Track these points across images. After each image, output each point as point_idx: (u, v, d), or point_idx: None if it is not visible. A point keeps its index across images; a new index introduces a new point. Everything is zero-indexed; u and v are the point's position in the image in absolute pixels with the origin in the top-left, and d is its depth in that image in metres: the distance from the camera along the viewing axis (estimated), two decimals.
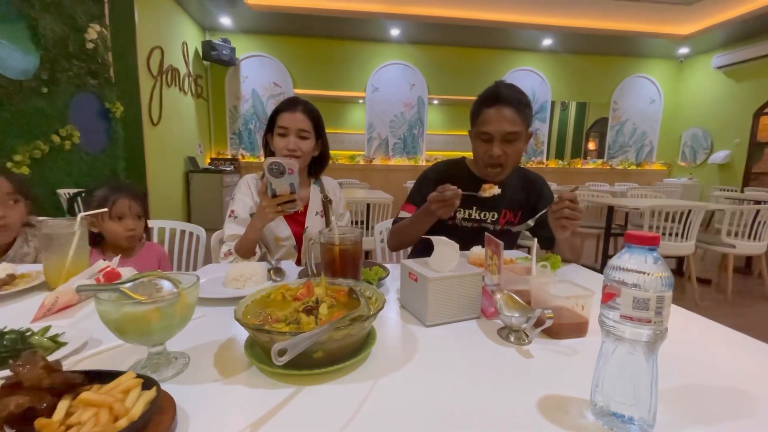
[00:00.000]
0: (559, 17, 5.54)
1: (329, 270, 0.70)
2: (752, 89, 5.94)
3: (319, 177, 1.33)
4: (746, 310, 2.69)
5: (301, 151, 1.16)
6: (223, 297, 0.73)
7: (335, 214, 1.31)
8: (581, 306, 0.58)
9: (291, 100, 1.19)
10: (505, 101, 1.09)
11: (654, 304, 0.34)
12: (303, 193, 1.26)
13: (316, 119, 1.19)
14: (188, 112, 5.35)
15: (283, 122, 1.15)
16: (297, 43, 6.17)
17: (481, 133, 1.12)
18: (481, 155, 1.15)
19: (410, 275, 0.66)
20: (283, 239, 1.21)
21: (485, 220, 1.26)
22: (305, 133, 1.16)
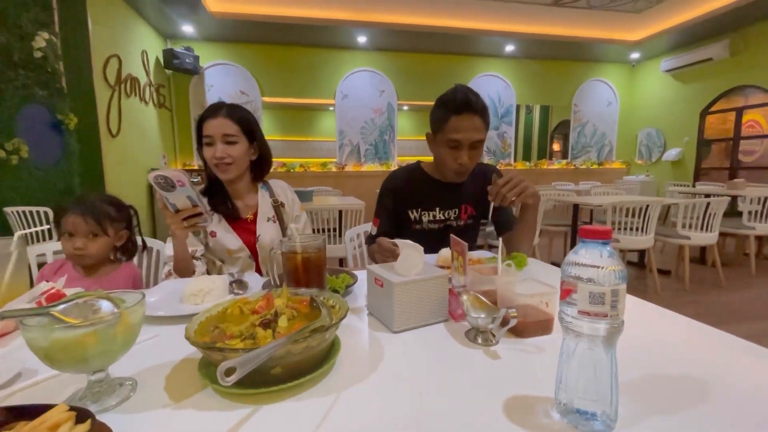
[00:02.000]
0: (520, 24, 5.75)
1: (292, 280, 0.68)
2: (698, 91, 6.36)
3: (265, 181, 1.27)
4: (703, 297, 2.85)
5: (232, 158, 1.09)
6: (178, 314, 0.69)
7: (290, 218, 1.25)
8: (546, 303, 0.58)
9: (212, 106, 1.13)
10: (473, 109, 1.09)
11: (609, 298, 0.34)
12: (250, 200, 1.21)
13: (244, 121, 1.12)
14: (150, 123, 5.14)
15: (207, 130, 1.09)
16: (263, 51, 6.09)
17: (449, 140, 1.12)
18: (449, 162, 1.15)
19: (376, 281, 0.64)
20: (236, 251, 1.15)
21: (449, 219, 1.28)
22: (232, 138, 1.09)
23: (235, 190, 1.19)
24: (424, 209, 1.27)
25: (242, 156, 1.12)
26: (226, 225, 1.16)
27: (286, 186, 1.31)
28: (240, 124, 1.11)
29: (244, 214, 1.19)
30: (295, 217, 1.27)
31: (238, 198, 1.20)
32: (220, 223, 1.16)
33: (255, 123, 1.17)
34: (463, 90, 1.12)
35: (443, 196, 1.27)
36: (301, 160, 6.68)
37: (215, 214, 1.16)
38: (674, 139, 6.82)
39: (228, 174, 1.11)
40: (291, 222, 1.25)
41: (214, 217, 1.15)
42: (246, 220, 1.19)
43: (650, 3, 5.21)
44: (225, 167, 1.10)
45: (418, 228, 1.28)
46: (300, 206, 1.30)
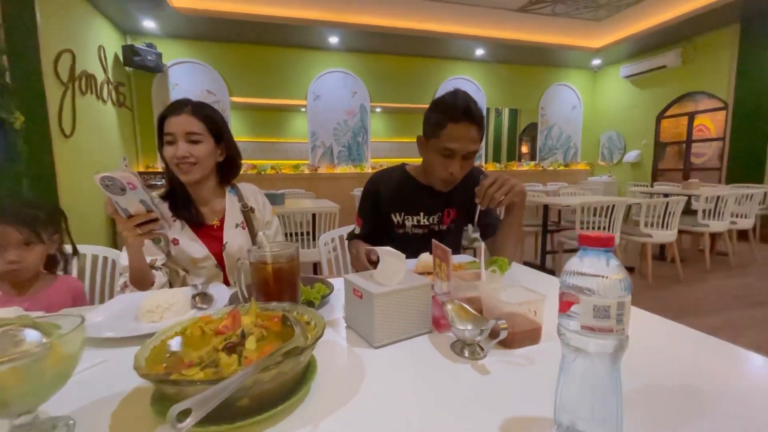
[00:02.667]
0: (490, 29, 5.87)
1: (262, 293, 0.61)
2: (654, 96, 6.73)
3: (233, 184, 1.18)
4: (664, 293, 2.98)
5: (195, 158, 1.01)
6: (132, 335, 0.61)
7: (260, 224, 1.17)
8: (533, 311, 0.56)
9: (176, 102, 1.04)
10: (472, 119, 1.04)
11: (615, 312, 0.31)
12: (216, 205, 1.12)
13: (210, 119, 1.04)
14: (109, 123, 4.84)
15: (169, 128, 1.00)
16: (231, 50, 5.89)
17: (443, 148, 1.06)
18: (439, 170, 1.10)
19: (354, 291, 0.60)
20: (201, 260, 1.06)
21: (432, 224, 1.25)
22: (196, 136, 1.01)
23: (200, 194, 1.09)
24: (407, 213, 1.23)
25: (207, 156, 1.03)
26: (189, 232, 1.07)
27: (256, 189, 1.23)
28: (206, 122, 1.03)
29: (209, 220, 1.11)
30: (266, 223, 1.19)
31: (203, 203, 1.11)
32: (183, 229, 1.07)
33: (222, 122, 1.09)
34: (464, 97, 1.06)
35: (428, 201, 1.23)
36: (272, 162, 6.51)
37: (177, 220, 1.06)
38: (633, 141, 7.18)
39: (190, 175, 1.02)
40: (261, 228, 1.17)
41: (177, 223, 1.06)
42: (212, 227, 1.10)
43: (610, 12, 5.45)
44: (187, 167, 1.01)
45: (401, 232, 1.24)
46: (271, 211, 1.22)
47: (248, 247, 1.11)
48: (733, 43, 5.43)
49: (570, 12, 5.37)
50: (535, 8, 5.20)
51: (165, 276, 1.03)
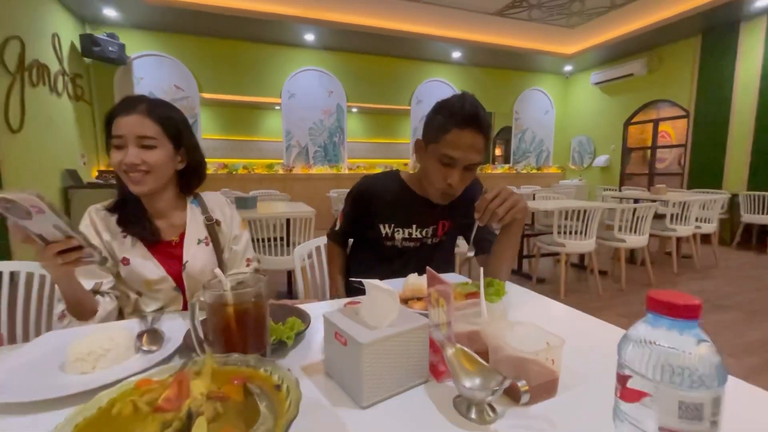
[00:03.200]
0: (467, 32, 5.88)
1: (221, 340, 0.50)
2: (622, 103, 6.97)
3: (196, 194, 1.04)
4: (636, 297, 3.04)
5: (147, 165, 0.85)
6: (50, 397, 0.47)
7: (227, 238, 1.03)
8: (551, 360, 0.47)
9: (127, 99, 0.88)
10: (479, 127, 0.93)
11: (709, 411, 0.23)
12: (175, 218, 0.98)
13: (168, 121, 0.89)
14: (65, 117, 4.48)
15: (118, 129, 0.85)
16: (202, 44, 5.61)
17: (444, 155, 0.95)
18: (437, 180, 0.99)
19: (337, 336, 0.49)
20: (156, 282, 0.92)
21: (425, 237, 1.14)
22: (150, 141, 0.86)
23: (155, 206, 0.95)
24: (398, 225, 1.11)
25: (162, 165, 0.88)
26: (143, 249, 0.92)
27: (224, 200, 1.07)
28: (163, 124, 0.88)
29: (167, 236, 0.96)
30: (234, 238, 1.04)
31: (159, 216, 0.96)
32: (135, 247, 0.92)
33: (184, 124, 0.94)
34: (473, 101, 0.94)
35: (422, 212, 1.11)
36: (244, 161, 6.25)
37: (129, 236, 0.91)
38: (603, 146, 7.41)
39: (142, 186, 0.87)
40: (229, 244, 1.03)
41: (127, 240, 0.91)
42: (170, 243, 0.95)
43: (582, 20, 5.58)
44: (138, 177, 0.86)
45: (389, 245, 1.12)
46: (241, 223, 1.07)
47: (212, 266, 0.97)
48: (695, 53, 5.69)
49: (545, 18, 5.45)
50: (511, 12, 5.25)
51: (113, 302, 0.88)
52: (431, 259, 1.15)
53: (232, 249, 1.03)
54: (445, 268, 1.18)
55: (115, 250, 0.90)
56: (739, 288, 3.20)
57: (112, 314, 0.88)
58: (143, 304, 0.93)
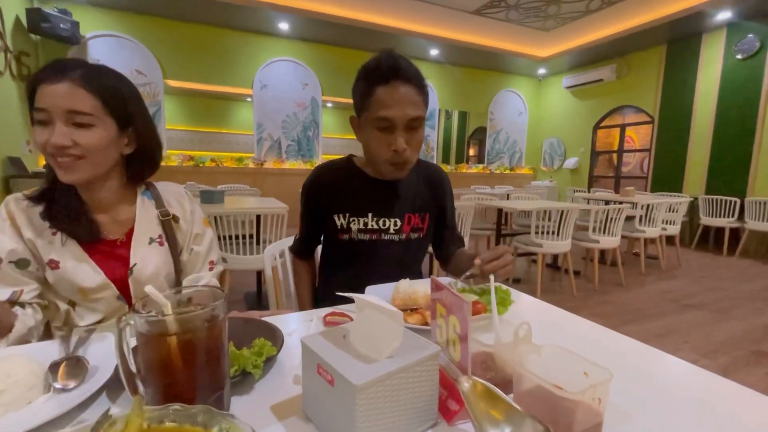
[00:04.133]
0: (445, 29, 5.84)
1: (159, 382, 0.36)
2: (591, 107, 7.18)
3: (149, 184, 0.87)
4: (608, 297, 3.09)
5: (81, 149, 0.68)
6: None
7: (187, 237, 0.87)
8: (597, 399, 0.38)
9: (56, 63, 0.69)
10: (405, 77, 0.83)
11: None
12: (122, 212, 0.81)
13: (110, 92, 0.71)
14: (7, 99, 4.05)
15: (41, 100, 0.66)
16: (167, 27, 5.25)
17: (378, 119, 0.84)
18: (381, 149, 0.87)
19: (320, 370, 0.37)
20: (94, 290, 0.75)
21: (386, 229, 0.98)
22: (85, 118, 0.67)
23: (95, 196, 0.77)
24: (353, 215, 0.97)
25: (100, 147, 0.70)
26: (77, 250, 0.74)
27: (183, 192, 0.91)
28: (103, 96, 0.69)
29: (111, 234, 0.79)
30: (195, 236, 0.88)
31: (100, 209, 0.78)
32: (67, 246, 0.74)
33: (133, 96, 0.76)
34: (391, 54, 0.85)
35: (378, 198, 0.98)
36: (212, 154, 5.94)
37: (58, 233, 0.73)
38: (573, 149, 7.62)
39: (73, 174, 0.69)
40: (188, 243, 0.87)
41: (56, 238, 0.73)
42: (113, 243, 0.78)
43: (557, 23, 5.68)
44: (68, 162, 0.68)
45: (345, 238, 0.98)
46: (203, 220, 0.91)
47: (167, 269, 0.82)
48: (660, 62, 5.92)
49: (521, 19, 5.50)
50: (489, 12, 5.25)
51: (36, 315, 0.71)
52: (396, 259, 1.02)
53: (192, 250, 0.87)
54: (412, 271, 1.06)
55: (40, 250, 0.73)
56: (702, 287, 3.33)
57: (36, 330, 0.71)
58: (78, 317, 0.76)
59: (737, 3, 4.50)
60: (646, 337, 2.31)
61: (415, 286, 0.69)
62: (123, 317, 0.36)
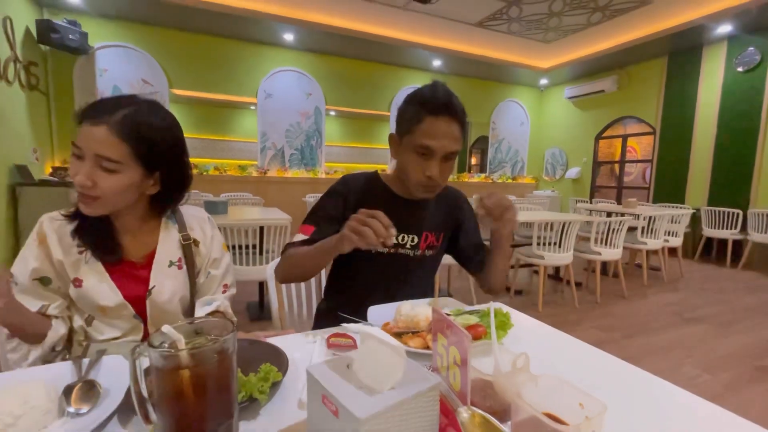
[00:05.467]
0: (448, 41, 5.91)
1: (173, 412, 0.38)
2: (593, 117, 7.22)
3: (173, 209, 0.89)
4: (611, 309, 3.08)
5: (99, 191, 0.70)
6: None
7: (205, 261, 0.89)
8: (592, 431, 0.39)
9: (99, 104, 0.72)
10: (453, 113, 0.89)
11: None
12: (145, 235, 0.83)
13: (143, 141, 0.72)
14: (15, 108, 4.11)
15: (79, 138, 0.70)
16: (173, 37, 5.34)
17: (420, 146, 0.89)
18: (416, 172, 0.92)
19: (325, 401, 0.39)
20: (112, 310, 0.78)
21: (403, 245, 1.02)
22: (111, 164, 0.70)
23: (119, 221, 0.81)
24: None
25: (119, 192, 0.72)
26: (99, 269, 0.77)
27: (205, 216, 0.93)
28: (133, 143, 0.71)
29: (133, 255, 0.82)
30: (213, 261, 0.90)
31: (125, 231, 0.82)
32: (91, 265, 0.77)
33: (167, 143, 0.76)
34: (445, 89, 0.90)
35: (402, 215, 1.00)
36: (216, 161, 5.99)
37: (84, 252, 0.76)
38: (575, 159, 7.64)
39: (88, 210, 0.73)
40: (206, 267, 0.89)
41: (82, 256, 0.77)
42: (134, 264, 0.81)
43: (557, 36, 5.74)
44: (87, 200, 0.71)
45: (362, 251, 1.01)
46: (222, 245, 0.93)
47: (182, 292, 0.84)
48: (662, 74, 5.97)
49: (523, 32, 5.56)
50: (492, 24, 5.31)
51: (65, 325, 0.76)
52: (408, 276, 1.04)
53: (210, 273, 0.89)
54: (422, 289, 1.08)
55: (67, 269, 0.76)
56: (705, 300, 3.32)
57: (63, 339, 0.76)
58: (96, 332, 0.79)
59: (737, 17, 4.54)
60: (650, 351, 2.30)
61: (417, 309, 0.70)
62: (137, 348, 0.38)
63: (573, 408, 0.41)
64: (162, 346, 0.37)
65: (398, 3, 4.63)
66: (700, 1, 4.49)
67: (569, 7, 4.74)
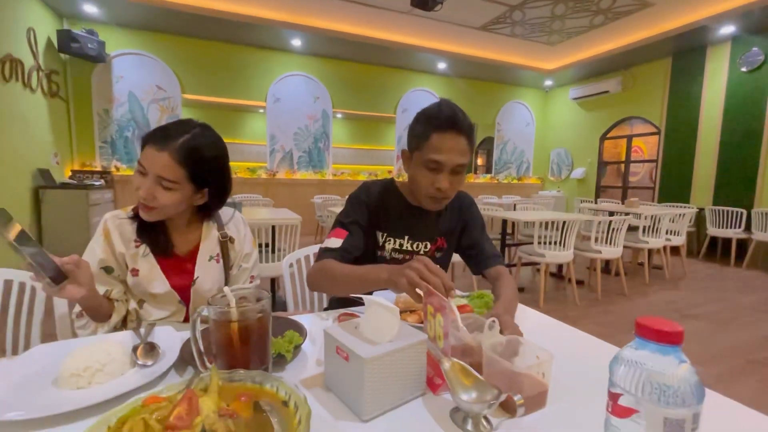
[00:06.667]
0: (452, 44, 6.02)
1: (225, 356, 0.50)
2: (598, 118, 7.25)
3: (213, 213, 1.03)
4: (612, 307, 3.15)
5: (158, 203, 0.84)
6: (49, 414, 0.46)
7: (238, 256, 1.03)
8: (542, 373, 0.51)
9: (164, 130, 0.86)
10: (460, 128, 0.94)
11: (690, 426, 0.26)
12: (190, 233, 0.98)
13: (198, 165, 0.86)
14: (38, 114, 4.32)
15: (144, 158, 0.84)
16: (185, 44, 5.53)
17: (428, 161, 0.95)
18: (425, 186, 0.98)
19: (338, 351, 0.51)
20: (161, 296, 0.93)
21: (417, 252, 1.10)
22: (170, 184, 0.84)
23: (171, 221, 0.96)
24: (390, 235, 1.08)
25: (173, 205, 0.87)
26: (153, 262, 0.92)
27: (240, 218, 1.07)
28: (188, 167, 0.85)
29: (180, 251, 0.97)
30: (245, 256, 1.04)
31: (175, 230, 0.97)
32: (146, 258, 0.92)
33: (215, 164, 0.90)
34: (449, 105, 0.97)
35: (417, 223, 1.09)
36: None
37: (142, 245, 0.92)
38: (580, 159, 7.68)
39: (147, 217, 0.88)
40: (239, 261, 1.03)
41: (140, 249, 0.92)
42: (180, 258, 0.96)
43: (561, 38, 5.81)
44: (147, 210, 0.87)
45: (379, 254, 1.10)
46: (252, 242, 1.08)
47: (219, 282, 0.99)
48: (666, 74, 6.00)
49: (526, 34, 5.64)
50: (495, 28, 5.41)
51: (125, 307, 0.91)
52: None
53: (241, 266, 1.03)
54: None
55: (127, 260, 0.91)
56: (705, 298, 3.37)
57: (122, 319, 0.92)
58: (146, 313, 0.94)
59: (741, 17, 4.58)
60: None
61: None
62: (197, 310, 0.51)
63: (533, 360, 0.53)
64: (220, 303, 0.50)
65: (403, 9, 4.75)
66: (703, 3, 4.54)
67: (572, 11, 4.82)
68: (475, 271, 1.14)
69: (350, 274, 0.85)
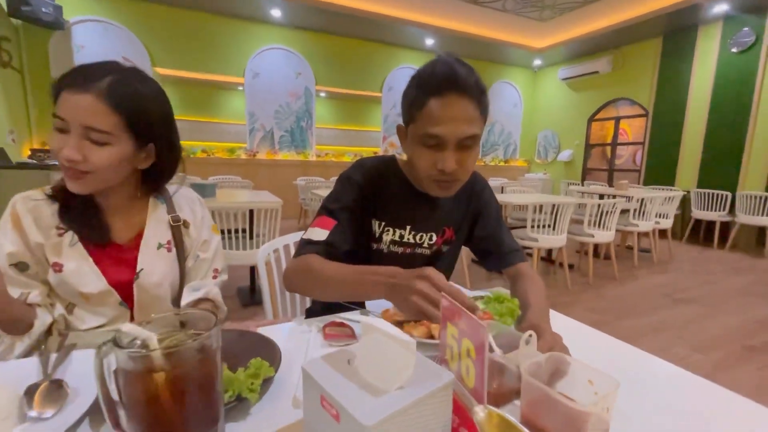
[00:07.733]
0: (441, 18, 5.74)
1: (145, 420, 0.32)
2: (586, 99, 7.16)
3: (162, 189, 0.83)
4: (603, 291, 3.10)
5: (89, 165, 0.65)
6: None
7: (195, 243, 0.84)
8: (606, 408, 0.35)
9: (83, 69, 0.65)
10: (463, 88, 0.70)
11: None
12: (133, 216, 0.78)
13: (134, 111, 0.66)
14: None
15: (61, 108, 0.63)
16: (156, 12, 5.09)
17: (426, 135, 0.73)
18: (425, 167, 0.76)
19: (324, 403, 0.34)
20: (96, 296, 0.72)
21: (421, 244, 0.90)
22: (102, 136, 0.64)
23: (106, 200, 0.75)
24: (389, 224, 0.87)
25: (111, 166, 0.67)
26: (82, 253, 0.71)
27: (194, 196, 0.88)
28: (126, 112, 0.65)
29: (119, 237, 0.76)
30: (203, 243, 0.85)
31: (112, 212, 0.76)
32: (73, 248, 0.71)
33: (158, 112, 0.71)
34: (447, 61, 0.72)
35: (419, 210, 0.88)
36: (203, 144, 5.81)
37: (66, 231, 0.70)
38: (567, 141, 7.62)
39: (77, 186, 0.67)
40: (195, 249, 0.83)
41: (64, 238, 0.70)
42: (120, 247, 0.75)
43: (554, 14, 5.62)
44: (75, 174, 0.65)
45: (374, 247, 0.88)
46: (212, 227, 0.88)
47: (172, 276, 0.79)
48: (656, 54, 5.90)
49: (518, 9, 5.42)
50: (486, 1, 5.16)
51: (50, 313, 0.70)
52: None
53: (198, 256, 0.84)
54: None
55: (47, 252, 0.70)
56: (694, 282, 3.36)
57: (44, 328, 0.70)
58: (78, 320, 0.73)
59: None
60: (642, 332, 2.33)
61: None
62: (103, 345, 0.32)
63: (582, 384, 0.38)
64: (132, 345, 0.31)
65: None
66: None
67: None
68: (492, 268, 0.96)
69: (336, 278, 0.67)
